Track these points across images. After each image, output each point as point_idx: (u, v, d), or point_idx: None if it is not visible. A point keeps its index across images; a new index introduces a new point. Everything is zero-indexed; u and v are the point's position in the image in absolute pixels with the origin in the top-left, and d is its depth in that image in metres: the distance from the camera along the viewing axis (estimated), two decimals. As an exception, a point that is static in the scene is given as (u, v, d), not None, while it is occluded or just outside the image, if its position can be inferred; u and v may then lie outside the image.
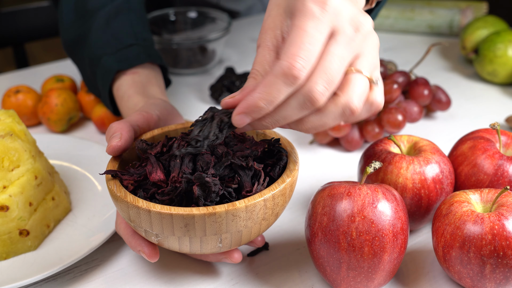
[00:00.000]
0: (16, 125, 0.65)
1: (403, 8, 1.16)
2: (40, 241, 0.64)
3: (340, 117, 0.48)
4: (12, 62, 2.46)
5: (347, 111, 0.48)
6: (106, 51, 0.77)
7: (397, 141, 0.64)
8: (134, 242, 0.57)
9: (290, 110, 0.48)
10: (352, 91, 0.48)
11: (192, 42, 1.00)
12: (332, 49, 0.47)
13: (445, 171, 0.61)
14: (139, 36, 0.80)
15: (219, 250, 0.54)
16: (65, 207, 0.68)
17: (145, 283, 0.60)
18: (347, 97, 0.47)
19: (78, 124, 0.90)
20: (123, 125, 0.59)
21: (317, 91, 0.46)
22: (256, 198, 0.51)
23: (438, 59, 1.07)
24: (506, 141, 0.64)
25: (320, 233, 0.55)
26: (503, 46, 0.94)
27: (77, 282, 0.61)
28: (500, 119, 0.88)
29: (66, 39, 0.83)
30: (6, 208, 0.61)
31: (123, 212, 0.54)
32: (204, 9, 1.09)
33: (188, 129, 0.62)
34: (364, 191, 0.54)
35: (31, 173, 0.63)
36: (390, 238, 0.53)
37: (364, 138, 0.81)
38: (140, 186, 0.55)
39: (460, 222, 0.54)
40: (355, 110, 0.48)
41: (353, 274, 0.54)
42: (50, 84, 0.91)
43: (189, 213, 0.50)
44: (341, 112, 0.48)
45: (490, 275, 0.53)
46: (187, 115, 0.90)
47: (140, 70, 0.76)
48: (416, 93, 0.83)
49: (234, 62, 1.08)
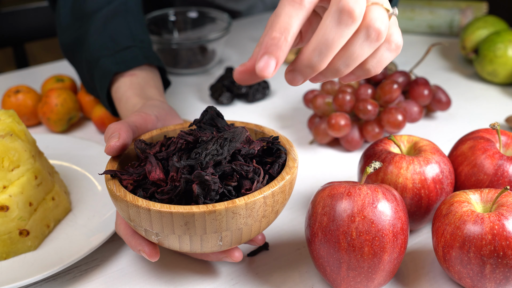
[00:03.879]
0: (16, 125, 0.65)
1: (403, 8, 1.16)
2: (40, 241, 0.64)
3: (367, 42, 0.46)
4: (12, 62, 2.46)
5: (373, 33, 0.46)
6: (103, 53, 0.77)
7: (397, 141, 0.64)
8: (134, 242, 0.57)
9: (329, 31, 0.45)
10: (371, 14, 0.46)
11: (192, 42, 1.00)
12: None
13: (445, 171, 0.61)
14: (137, 38, 0.80)
15: (219, 248, 0.54)
16: (65, 207, 0.68)
17: (145, 283, 0.60)
18: (368, 20, 0.46)
19: (78, 124, 0.90)
20: (121, 126, 0.59)
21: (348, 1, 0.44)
22: (256, 196, 0.51)
23: (438, 59, 1.07)
24: (506, 141, 0.64)
25: (320, 233, 0.55)
26: (503, 46, 0.94)
27: (77, 282, 0.61)
28: (500, 119, 0.88)
29: (64, 42, 0.83)
30: (6, 208, 0.61)
31: (122, 212, 0.54)
32: (204, 9, 1.09)
33: (187, 128, 0.62)
34: (364, 191, 0.54)
35: (31, 173, 0.63)
36: (390, 238, 0.53)
37: (364, 138, 0.81)
38: (139, 185, 0.55)
39: (460, 222, 0.54)
40: (380, 32, 0.46)
41: (353, 274, 0.54)
42: (50, 84, 0.91)
43: (189, 211, 0.50)
44: (366, 35, 0.46)
45: (490, 275, 0.53)
46: (187, 115, 0.90)
47: (138, 72, 0.76)
48: (416, 93, 0.83)
49: (234, 62, 1.08)
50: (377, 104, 0.79)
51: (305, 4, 0.45)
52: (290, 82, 0.47)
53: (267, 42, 0.44)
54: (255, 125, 0.62)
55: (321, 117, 0.82)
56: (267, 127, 0.66)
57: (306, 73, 0.46)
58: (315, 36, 0.45)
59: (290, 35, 0.44)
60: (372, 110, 0.78)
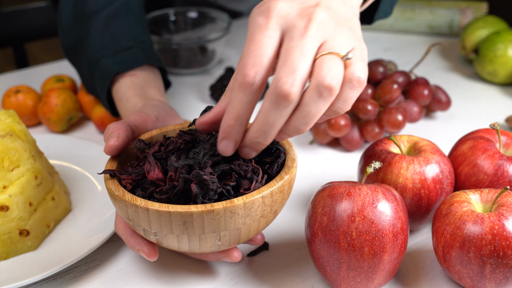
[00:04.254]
0: (16, 125, 0.65)
1: (403, 8, 1.16)
2: (40, 241, 0.64)
3: (320, 100, 0.47)
4: (12, 62, 2.46)
5: (324, 91, 0.47)
6: (104, 53, 0.77)
7: (397, 141, 0.64)
8: (133, 241, 0.57)
9: (268, 114, 0.48)
10: (320, 70, 0.47)
11: (192, 42, 1.00)
12: (288, 44, 0.48)
13: (445, 171, 0.61)
14: (138, 39, 0.80)
15: (218, 248, 0.54)
16: (65, 207, 0.68)
17: (145, 283, 0.60)
18: (318, 77, 0.47)
19: (78, 124, 0.90)
20: (120, 126, 0.59)
21: (284, 83, 0.46)
22: (254, 195, 0.51)
23: (438, 59, 1.07)
24: (506, 141, 0.64)
25: (320, 233, 0.55)
26: (503, 46, 0.94)
27: (77, 282, 0.61)
28: (500, 119, 0.88)
29: (65, 43, 0.83)
30: (6, 208, 0.61)
31: (121, 211, 0.54)
32: (204, 9, 1.09)
33: (186, 128, 0.62)
34: (364, 191, 0.54)
35: (31, 173, 0.63)
36: (390, 238, 0.53)
37: (364, 138, 0.81)
38: (138, 185, 0.55)
39: (460, 222, 0.54)
40: (332, 87, 0.47)
41: (353, 274, 0.54)
42: (50, 84, 0.91)
43: (187, 210, 0.50)
44: (317, 94, 0.47)
45: (490, 275, 0.53)
46: (187, 115, 0.90)
47: (138, 72, 0.76)
48: (416, 93, 0.83)
49: (234, 62, 1.08)
50: (377, 104, 0.79)
51: (255, 88, 0.48)
52: (245, 156, 0.52)
53: (225, 128, 0.50)
54: None
55: (321, 117, 0.82)
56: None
57: (257, 147, 0.50)
58: (257, 118, 0.49)
59: (244, 121, 0.49)
60: (372, 110, 0.78)
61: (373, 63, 0.85)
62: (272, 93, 0.47)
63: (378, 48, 1.11)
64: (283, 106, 0.47)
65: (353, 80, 0.48)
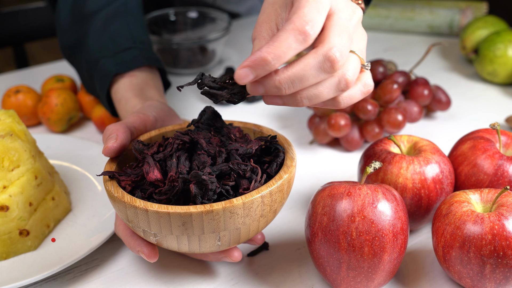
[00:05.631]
0: (16, 125, 0.65)
1: (403, 8, 1.16)
2: (40, 241, 0.64)
3: (336, 87, 0.50)
4: (12, 62, 2.46)
5: (343, 81, 0.49)
6: (103, 54, 0.77)
7: (397, 141, 0.64)
8: (133, 242, 0.57)
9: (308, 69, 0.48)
10: (348, 65, 0.50)
11: (192, 42, 1.00)
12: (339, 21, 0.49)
13: (445, 171, 0.61)
14: (137, 39, 0.80)
15: (218, 248, 0.54)
16: (65, 207, 0.68)
17: (145, 283, 0.60)
18: (345, 68, 0.49)
19: (78, 124, 0.90)
20: (119, 127, 0.59)
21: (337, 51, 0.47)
22: (254, 195, 0.51)
23: (438, 59, 1.07)
24: (506, 141, 0.64)
25: (320, 233, 0.55)
26: (503, 46, 0.94)
27: (77, 282, 0.61)
28: (500, 119, 0.88)
29: (64, 44, 0.83)
30: (6, 208, 0.61)
31: (121, 213, 0.54)
32: (204, 9, 1.09)
33: (184, 128, 0.62)
34: (364, 191, 0.54)
35: (31, 173, 0.63)
36: (390, 238, 0.53)
37: (364, 138, 0.81)
38: (137, 186, 0.55)
39: (460, 222, 0.54)
40: (350, 82, 0.50)
41: (353, 274, 0.54)
42: (50, 84, 0.91)
43: (187, 211, 0.50)
44: (337, 82, 0.49)
45: (490, 275, 0.53)
46: (186, 115, 0.90)
47: (137, 73, 0.76)
48: (416, 93, 0.83)
49: (234, 62, 1.08)
50: (377, 104, 0.79)
51: (309, 41, 0.47)
52: (250, 91, 0.50)
53: (257, 59, 0.47)
54: (254, 124, 0.62)
55: (321, 117, 0.82)
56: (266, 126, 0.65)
57: (270, 91, 0.49)
58: (294, 66, 0.48)
59: (280, 63, 0.47)
60: (372, 110, 0.78)
61: (373, 63, 0.85)
62: (321, 53, 0.47)
63: (378, 48, 1.11)
64: (326, 70, 0.48)
65: (367, 85, 0.52)
